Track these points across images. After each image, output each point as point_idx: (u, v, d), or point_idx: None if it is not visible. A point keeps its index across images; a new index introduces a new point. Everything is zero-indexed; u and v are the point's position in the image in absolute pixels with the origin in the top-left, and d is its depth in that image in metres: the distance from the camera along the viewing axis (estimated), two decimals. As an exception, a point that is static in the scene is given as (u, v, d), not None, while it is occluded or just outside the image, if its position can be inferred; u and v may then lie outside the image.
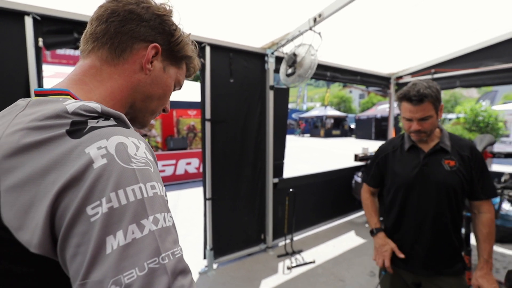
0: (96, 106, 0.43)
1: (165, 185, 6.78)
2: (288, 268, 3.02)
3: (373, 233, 1.57)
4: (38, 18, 1.82)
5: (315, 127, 27.65)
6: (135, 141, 0.42)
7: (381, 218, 1.61)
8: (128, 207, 0.35)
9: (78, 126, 0.39)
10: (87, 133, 0.39)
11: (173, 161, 7.39)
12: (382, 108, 21.90)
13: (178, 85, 0.68)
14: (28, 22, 1.78)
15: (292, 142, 20.79)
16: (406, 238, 1.44)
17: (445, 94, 26.42)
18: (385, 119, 19.35)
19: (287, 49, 3.02)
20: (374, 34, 3.15)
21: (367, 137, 22.33)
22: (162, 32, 0.59)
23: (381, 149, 1.63)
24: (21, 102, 0.47)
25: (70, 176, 0.35)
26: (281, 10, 2.53)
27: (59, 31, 1.86)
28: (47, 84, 1.92)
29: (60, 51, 7.50)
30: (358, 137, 23.77)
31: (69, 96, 0.47)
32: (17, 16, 1.77)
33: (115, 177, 0.36)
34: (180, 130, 8.96)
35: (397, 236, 1.49)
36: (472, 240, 1.66)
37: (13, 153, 0.37)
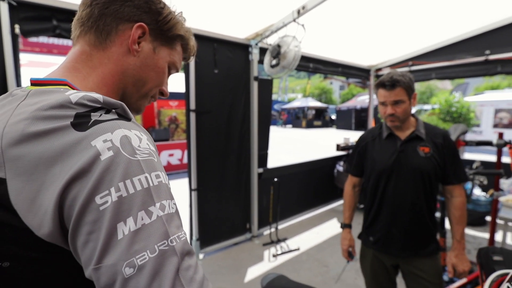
0: (98, 96, 0.44)
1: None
2: (274, 255, 3.11)
3: (341, 226, 1.73)
4: (14, 3, 1.73)
5: (297, 118, 27.91)
6: (138, 134, 0.43)
7: (362, 206, 1.69)
8: (136, 195, 0.37)
9: (82, 119, 0.40)
10: (92, 126, 0.40)
11: (155, 153, 7.27)
12: (361, 99, 22.41)
13: (174, 68, 0.66)
14: (4, 7, 1.68)
15: (275, 133, 20.93)
16: (384, 222, 1.53)
17: (421, 86, 27.40)
18: (364, 110, 19.84)
19: (271, 40, 3.03)
20: (355, 26, 3.22)
21: (348, 127, 22.86)
22: (148, 11, 0.57)
23: (361, 138, 1.70)
24: (19, 92, 0.47)
25: (78, 168, 0.36)
26: (265, 1, 2.53)
27: (37, 17, 1.78)
28: (23, 73, 1.84)
29: (32, 39, 7.10)
30: (338, 127, 24.28)
31: (67, 86, 0.48)
32: (-10, 1, 1.67)
33: (122, 168, 0.38)
34: (161, 122, 8.79)
35: (377, 220, 1.57)
36: (447, 224, 1.78)
37: (18, 141, 0.38)
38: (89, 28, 0.54)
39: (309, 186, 4.30)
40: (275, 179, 3.47)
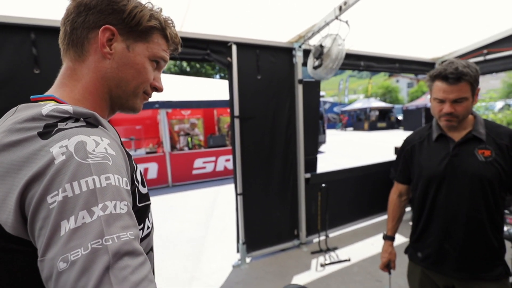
0: (68, 108, 0.49)
1: (205, 181, 7.05)
2: (322, 265, 2.96)
3: (383, 237, 1.60)
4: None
5: (358, 120, 26.43)
6: (97, 139, 0.47)
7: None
8: (80, 196, 0.40)
9: (48, 129, 0.45)
10: (54, 134, 0.44)
11: (213, 158, 7.66)
12: (433, 97, 20.09)
13: (160, 59, 0.66)
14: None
15: (333, 136, 20.15)
16: (435, 236, 1.33)
17: (510, 78, 23.31)
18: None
19: (314, 41, 2.94)
20: (412, 16, 2.90)
21: (417, 128, 20.74)
22: (112, 12, 0.58)
23: (406, 141, 1.52)
24: (15, 108, 0.55)
25: (35, 171, 0.41)
26: (306, 2, 2.47)
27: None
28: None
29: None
30: (406, 128, 22.17)
31: (53, 101, 0.54)
32: None
33: (71, 170, 0.41)
34: (221, 128, 9.24)
35: (426, 234, 1.38)
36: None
37: None
38: (67, 45, 0.60)
39: (363, 192, 3.99)
40: (323, 185, 3.33)
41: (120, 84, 0.62)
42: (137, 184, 0.56)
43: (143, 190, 0.58)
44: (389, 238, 1.57)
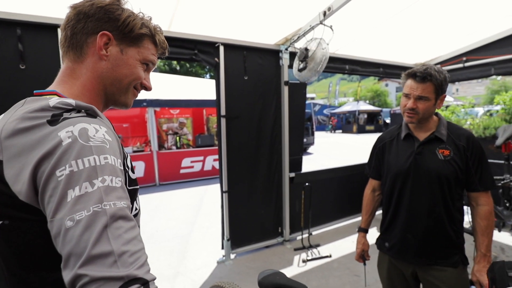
0: (71, 101, 0.58)
1: (193, 181, 7.05)
2: (304, 261, 3.05)
3: (357, 230, 1.71)
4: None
5: (347, 123, 26.85)
6: (96, 127, 0.56)
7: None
8: (83, 170, 0.49)
9: (56, 117, 0.54)
10: (61, 122, 0.54)
11: (201, 158, 7.68)
12: (419, 101, 20.58)
13: (149, 62, 0.75)
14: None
15: (322, 138, 20.40)
16: (399, 228, 1.44)
17: (492, 84, 24.13)
18: (422, 113, 18.16)
19: (300, 44, 3.03)
20: (397, 22, 3.02)
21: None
22: (108, 20, 0.67)
23: (379, 139, 1.62)
24: (23, 100, 0.64)
25: (46, 151, 0.50)
26: (293, 6, 2.56)
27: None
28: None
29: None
30: (393, 132, 22.61)
31: (56, 96, 0.63)
32: None
33: (76, 150, 0.50)
34: (209, 128, 9.26)
35: (392, 226, 1.49)
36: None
37: (11, 134, 0.53)
38: (67, 47, 0.69)
39: (345, 192, 4.12)
40: (306, 184, 3.42)
41: (114, 82, 0.71)
42: (127, 169, 0.65)
43: (133, 176, 0.67)
44: (362, 230, 1.67)
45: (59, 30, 2.14)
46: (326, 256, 3.12)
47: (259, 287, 1.37)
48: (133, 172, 0.68)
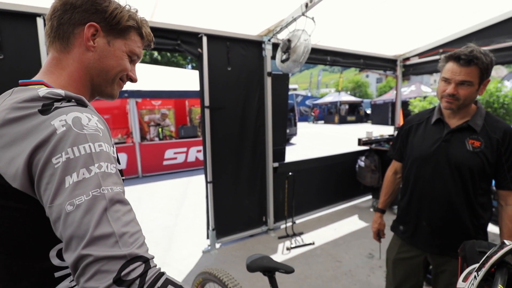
0: (61, 91, 0.58)
1: (176, 172, 7.00)
2: (287, 248, 3.15)
3: (374, 209, 1.66)
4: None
5: (329, 114, 27.23)
6: (88, 116, 0.57)
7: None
8: (80, 158, 0.51)
9: (47, 107, 0.55)
10: (53, 111, 0.54)
11: (185, 149, 7.61)
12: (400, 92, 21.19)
13: (134, 55, 0.75)
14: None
15: (305, 129, 20.66)
16: (414, 212, 1.42)
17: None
18: (404, 103, 18.78)
19: (282, 36, 3.05)
20: (377, 14, 3.09)
21: (384, 122, 21.74)
22: (95, 12, 0.67)
23: (406, 121, 1.57)
24: (10, 90, 0.63)
25: (40, 139, 0.51)
26: (275, -3, 2.56)
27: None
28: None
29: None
30: (374, 122, 23.23)
31: (43, 86, 0.62)
32: None
33: (72, 138, 0.51)
34: (192, 119, 9.15)
35: (408, 210, 1.47)
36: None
37: (1, 124, 0.53)
38: (54, 38, 0.68)
39: (328, 181, 4.24)
40: (290, 174, 3.50)
41: (101, 73, 0.71)
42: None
43: (119, 167, 0.69)
44: (379, 210, 1.65)
45: (38, 19, 2.07)
46: (309, 244, 3.23)
47: (247, 270, 1.43)
48: (119, 163, 0.70)
